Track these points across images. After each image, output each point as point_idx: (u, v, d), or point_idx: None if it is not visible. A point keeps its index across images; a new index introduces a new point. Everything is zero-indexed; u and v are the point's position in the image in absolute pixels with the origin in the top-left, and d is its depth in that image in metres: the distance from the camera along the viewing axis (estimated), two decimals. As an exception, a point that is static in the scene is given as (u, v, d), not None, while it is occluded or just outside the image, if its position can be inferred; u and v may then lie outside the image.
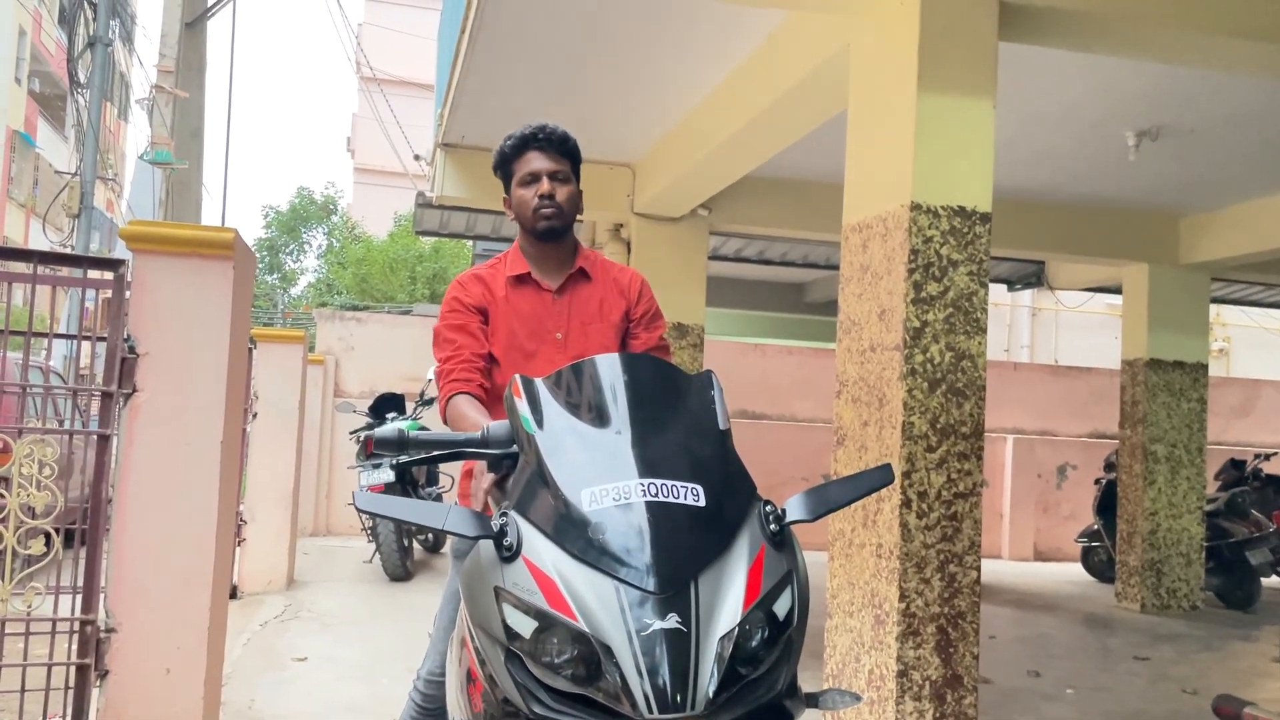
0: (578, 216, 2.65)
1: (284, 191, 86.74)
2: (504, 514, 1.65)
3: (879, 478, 1.83)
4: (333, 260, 27.70)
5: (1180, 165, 6.97)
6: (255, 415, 7.15)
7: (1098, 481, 9.56)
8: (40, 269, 3.27)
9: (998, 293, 12.69)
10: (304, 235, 31.10)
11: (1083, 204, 8.18)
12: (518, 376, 1.85)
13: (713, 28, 5.14)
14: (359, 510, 1.64)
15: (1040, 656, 6.38)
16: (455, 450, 1.95)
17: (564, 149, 2.57)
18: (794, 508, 1.74)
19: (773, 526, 1.68)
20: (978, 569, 3.86)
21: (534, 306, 2.58)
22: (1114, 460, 9.07)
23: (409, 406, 8.51)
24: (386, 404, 8.39)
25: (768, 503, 1.74)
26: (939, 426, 3.82)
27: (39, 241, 26.92)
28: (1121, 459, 8.57)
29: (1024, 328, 15.09)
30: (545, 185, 2.53)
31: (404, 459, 1.94)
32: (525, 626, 1.53)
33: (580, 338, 2.55)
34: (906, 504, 3.77)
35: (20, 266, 3.42)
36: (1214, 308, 13.36)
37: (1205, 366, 8.51)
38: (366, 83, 21.05)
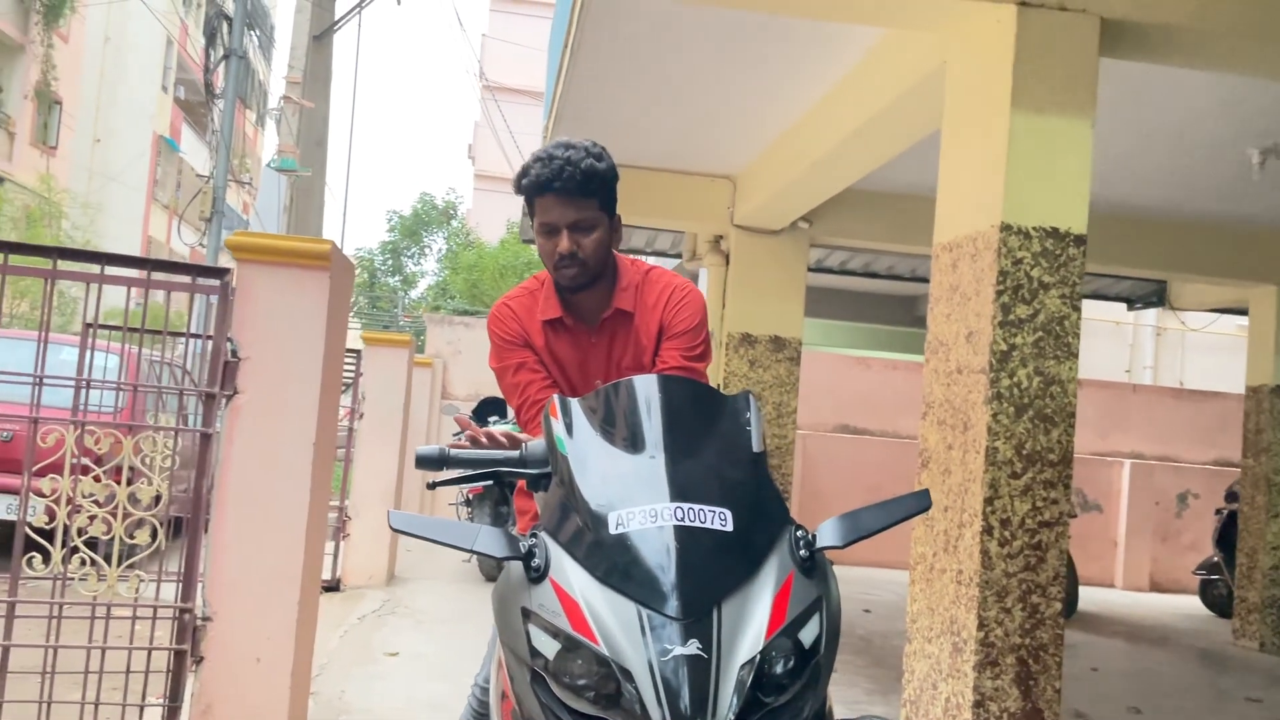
0: (616, 245, 2.39)
1: (409, 196, 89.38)
2: (534, 535, 1.68)
3: (915, 504, 1.78)
4: (447, 265, 28.44)
5: (1311, 183, 6.62)
6: (362, 415, 7.42)
7: (1219, 512, 9.13)
8: (154, 275, 3.48)
9: (1119, 311, 12.22)
10: (425, 239, 32.00)
11: (1205, 222, 7.83)
12: (555, 397, 1.86)
13: (813, 43, 5.12)
14: (393, 529, 1.69)
15: (1144, 693, 6.13)
16: (494, 469, 1.98)
17: (588, 189, 2.23)
18: (825, 533, 1.71)
19: (803, 552, 1.66)
20: (1061, 600, 3.76)
21: (573, 351, 2.42)
22: (1236, 490, 8.66)
23: (510, 410, 8.68)
24: (489, 407, 8.58)
25: (799, 528, 1.72)
26: (1025, 453, 3.73)
27: (180, 242, 28.38)
28: (1244, 489, 8.16)
29: (1147, 348, 14.46)
30: (565, 243, 2.25)
31: (443, 477, 1.99)
32: (549, 647, 1.54)
33: None
34: (988, 531, 3.69)
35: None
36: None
37: (1338, 395, 8.05)
38: (489, 91, 21.57)
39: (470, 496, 7.87)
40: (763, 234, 7.60)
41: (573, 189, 2.21)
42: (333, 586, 7.20)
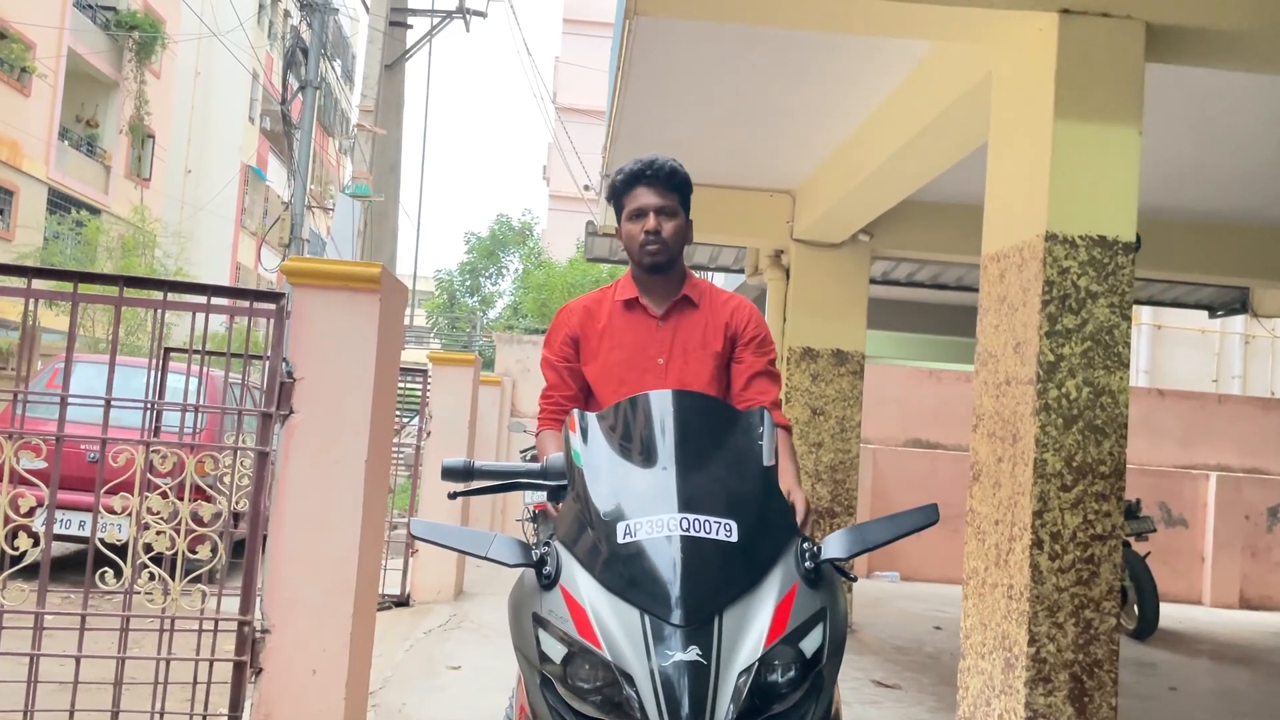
0: (689, 243, 2.72)
1: (488, 218, 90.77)
2: (547, 543, 1.75)
3: (921, 518, 1.81)
4: (520, 285, 28.85)
5: (1395, 183, 6.38)
6: (429, 433, 7.57)
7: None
8: (214, 300, 3.64)
9: (1203, 320, 11.86)
10: (502, 260, 32.47)
11: (1285, 226, 7.58)
12: (575, 411, 1.94)
13: (863, 56, 5.12)
14: (413, 537, 1.77)
15: (1223, 713, 5.93)
16: (516, 481, 2.06)
17: (672, 183, 2.63)
18: (831, 545, 1.75)
19: (808, 564, 1.70)
20: (1116, 615, 3.68)
21: (637, 334, 2.68)
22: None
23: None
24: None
25: (806, 540, 1.77)
26: (1075, 465, 3.66)
27: (264, 268, 29.28)
28: (1333, 503, 7.86)
29: (1235, 357, 13.97)
30: (651, 222, 2.61)
31: (467, 488, 2.07)
32: (557, 652, 1.60)
33: (680, 365, 2.62)
34: (1038, 545, 3.64)
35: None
36: None
37: None
38: (560, 113, 21.86)
39: (535, 513, 7.96)
40: (823, 247, 7.57)
41: (661, 178, 2.62)
42: (402, 601, 7.36)
